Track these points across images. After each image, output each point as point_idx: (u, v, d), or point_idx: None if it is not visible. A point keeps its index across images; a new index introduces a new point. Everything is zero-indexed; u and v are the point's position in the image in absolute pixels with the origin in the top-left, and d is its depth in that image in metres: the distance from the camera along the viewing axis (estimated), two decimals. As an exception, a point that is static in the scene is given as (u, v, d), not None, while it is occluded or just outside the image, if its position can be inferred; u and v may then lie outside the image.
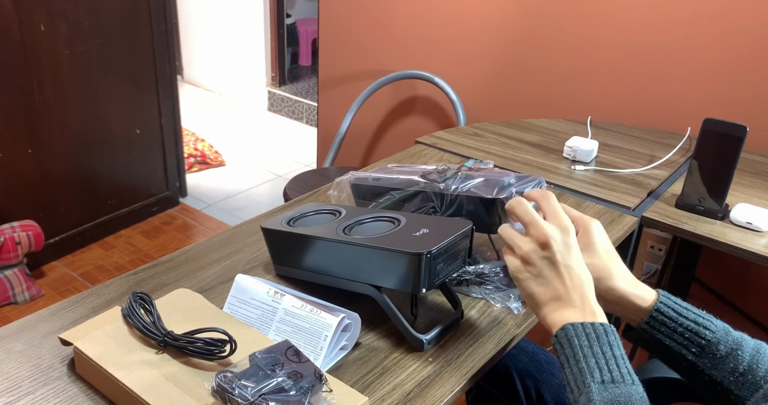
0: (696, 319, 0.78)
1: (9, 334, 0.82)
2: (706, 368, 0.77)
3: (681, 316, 0.78)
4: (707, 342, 0.77)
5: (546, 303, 0.75)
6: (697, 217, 1.22)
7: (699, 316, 0.79)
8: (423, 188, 1.00)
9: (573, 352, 0.69)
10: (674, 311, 0.79)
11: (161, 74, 2.63)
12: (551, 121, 1.69)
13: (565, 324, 0.72)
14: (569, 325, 0.71)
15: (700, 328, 0.78)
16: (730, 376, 0.76)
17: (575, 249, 0.75)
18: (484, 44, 1.96)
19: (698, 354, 0.78)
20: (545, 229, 0.75)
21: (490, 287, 0.95)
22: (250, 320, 0.84)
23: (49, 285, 2.36)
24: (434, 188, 0.99)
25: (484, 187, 0.95)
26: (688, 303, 0.81)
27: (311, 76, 4.29)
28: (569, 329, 0.71)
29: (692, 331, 0.78)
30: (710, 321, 0.78)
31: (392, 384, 0.78)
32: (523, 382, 1.09)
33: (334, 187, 1.10)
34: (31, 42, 2.16)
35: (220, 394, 0.65)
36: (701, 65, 1.63)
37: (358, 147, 2.40)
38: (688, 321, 0.78)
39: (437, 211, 0.98)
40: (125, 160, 2.63)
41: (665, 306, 0.79)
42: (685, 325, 0.78)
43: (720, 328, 0.78)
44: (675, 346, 0.78)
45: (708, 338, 0.77)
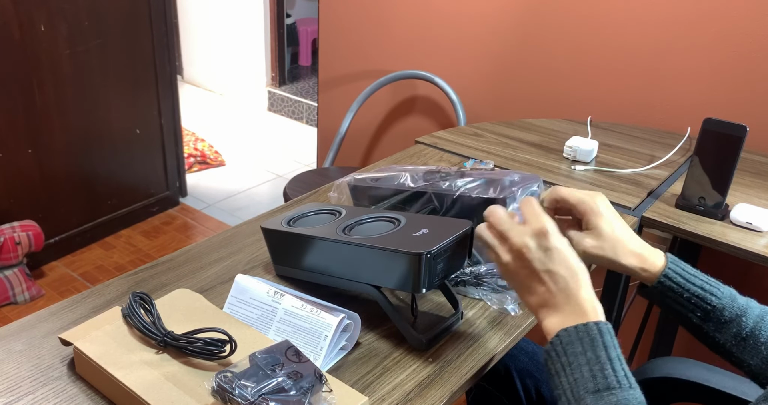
0: (702, 286, 0.82)
1: (9, 334, 0.82)
2: (710, 331, 0.82)
3: (688, 282, 0.82)
4: (712, 307, 0.81)
5: (537, 310, 0.75)
6: (697, 217, 1.22)
7: (706, 282, 0.83)
8: (423, 190, 0.99)
9: (568, 361, 0.69)
10: (681, 277, 0.82)
11: (161, 74, 2.63)
12: (551, 121, 1.69)
13: (557, 331, 0.71)
14: (559, 333, 0.71)
15: (706, 293, 0.82)
16: (733, 339, 0.81)
17: (557, 249, 0.74)
18: (484, 44, 1.95)
19: (703, 318, 0.82)
20: (516, 238, 0.75)
21: (486, 289, 0.95)
22: (250, 320, 0.84)
23: (49, 285, 2.36)
24: (435, 189, 0.99)
25: (485, 187, 0.95)
26: (697, 270, 0.84)
27: (311, 76, 4.29)
28: (562, 336, 0.71)
29: (698, 296, 0.82)
30: (717, 288, 0.82)
31: (392, 384, 0.78)
32: (523, 382, 1.10)
33: (334, 189, 1.10)
34: (31, 42, 2.16)
35: (220, 394, 0.65)
36: (701, 65, 1.63)
37: (358, 147, 2.40)
38: (694, 287, 0.82)
39: (437, 212, 0.98)
40: (125, 160, 2.63)
41: (673, 272, 0.82)
42: (692, 291, 0.82)
43: (726, 294, 0.82)
44: (681, 309, 0.83)
45: (713, 304, 0.81)
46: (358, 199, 1.08)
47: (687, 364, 1.04)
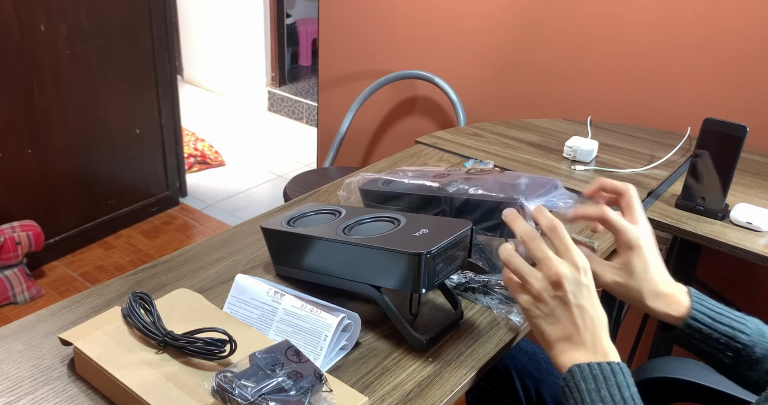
0: (731, 324, 0.78)
1: (9, 334, 0.82)
2: (743, 369, 0.78)
3: (716, 321, 0.78)
4: (743, 345, 0.77)
5: (556, 342, 0.72)
6: (697, 217, 1.22)
7: (733, 320, 0.78)
8: (435, 193, 0.97)
9: (581, 397, 0.67)
10: (708, 317, 0.78)
11: (161, 74, 2.63)
12: (551, 121, 1.69)
13: (572, 366, 0.70)
14: (576, 367, 0.69)
15: (735, 332, 0.77)
16: (765, 375, 0.77)
17: (588, 288, 0.73)
18: (484, 44, 1.96)
19: (734, 357, 0.78)
20: (557, 267, 0.71)
21: (494, 298, 0.94)
22: (250, 320, 0.84)
23: (49, 285, 2.36)
24: (445, 193, 0.97)
25: (498, 189, 0.93)
26: (721, 305, 0.80)
27: (311, 76, 4.29)
28: (576, 372, 0.69)
29: (728, 335, 0.78)
30: (744, 324, 0.78)
31: (392, 384, 0.78)
32: (523, 382, 1.10)
33: (344, 188, 1.08)
34: (31, 42, 2.16)
35: (220, 394, 0.65)
36: (701, 65, 1.63)
37: (358, 147, 2.40)
38: (723, 326, 0.78)
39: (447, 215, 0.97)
40: (125, 160, 2.63)
41: (699, 312, 0.78)
42: (721, 331, 0.78)
43: (754, 330, 0.78)
44: (709, 350, 0.79)
45: (743, 342, 0.77)
46: (368, 199, 1.07)
47: (686, 364, 1.03)
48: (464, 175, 1.01)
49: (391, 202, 1.03)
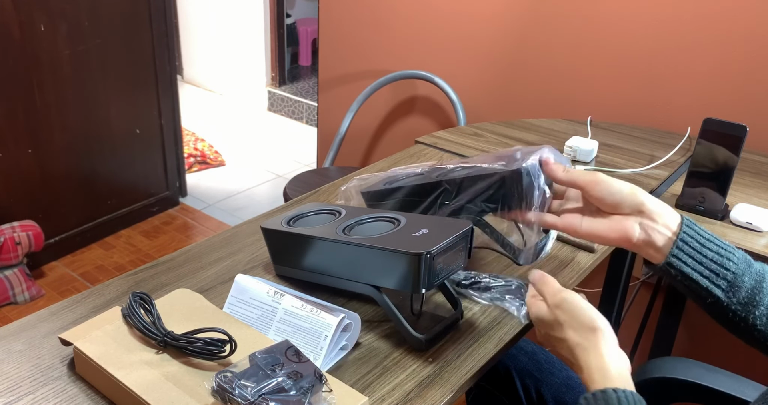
0: (719, 250, 0.77)
1: (9, 334, 0.82)
2: (732, 303, 0.76)
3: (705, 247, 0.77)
4: (732, 274, 0.76)
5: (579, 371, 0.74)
6: (697, 217, 1.22)
7: (722, 247, 0.77)
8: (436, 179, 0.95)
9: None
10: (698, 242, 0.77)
11: (161, 74, 2.63)
12: (551, 121, 1.69)
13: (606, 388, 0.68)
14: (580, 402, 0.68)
15: (723, 259, 0.76)
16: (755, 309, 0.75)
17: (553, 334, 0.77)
18: (484, 44, 1.96)
19: (726, 289, 0.76)
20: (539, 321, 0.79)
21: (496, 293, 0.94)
22: (250, 320, 0.84)
23: (49, 285, 2.36)
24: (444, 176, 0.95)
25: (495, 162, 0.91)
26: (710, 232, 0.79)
27: (311, 76, 4.29)
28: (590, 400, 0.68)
29: (717, 262, 0.76)
30: (731, 252, 0.77)
31: (392, 384, 0.78)
32: (523, 382, 1.09)
33: (340, 196, 1.07)
34: (31, 42, 2.16)
35: (220, 394, 0.65)
36: (701, 65, 1.63)
37: (358, 147, 2.40)
38: (712, 253, 0.77)
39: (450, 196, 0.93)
40: (125, 160, 2.63)
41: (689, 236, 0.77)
42: (710, 257, 0.77)
43: (740, 258, 0.77)
44: (702, 279, 0.77)
45: (732, 269, 0.76)
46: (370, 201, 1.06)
47: (686, 364, 1.03)
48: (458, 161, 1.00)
49: (393, 196, 1.02)
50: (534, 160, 0.87)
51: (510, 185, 0.87)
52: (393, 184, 1.03)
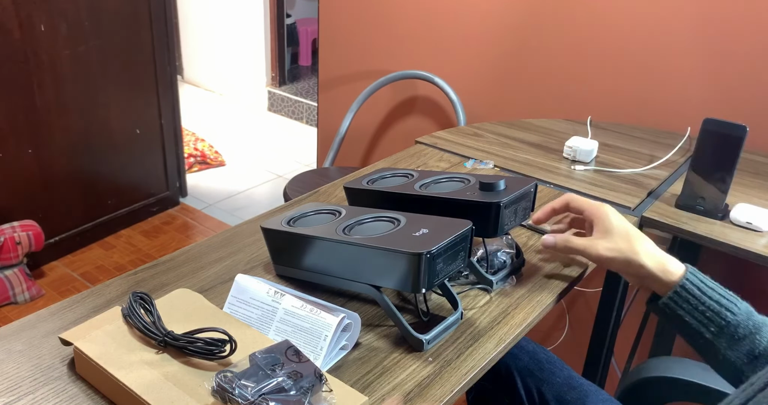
0: (719, 300, 0.79)
1: (9, 334, 0.82)
2: (722, 348, 0.78)
3: (705, 295, 0.79)
4: (727, 323, 0.78)
5: None
6: (697, 217, 1.22)
7: (723, 297, 0.79)
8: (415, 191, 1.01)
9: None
10: (699, 289, 0.80)
11: (161, 74, 2.63)
12: (551, 121, 1.69)
13: None
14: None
15: (722, 309, 0.78)
16: (745, 357, 0.77)
17: None
18: (484, 44, 1.96)
19: (716, 334, 0.78)
20: None
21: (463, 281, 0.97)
22: (250, 320, 0.84)
23: (49, 285, 2.36)
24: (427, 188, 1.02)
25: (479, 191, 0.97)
26: (716, 283, 0.81)
27: (311, 76, 4.29)
28: None
29: (714, 310, 0.78)
30: (734, 303, 0.79)
31: (392, 384, 0.78)
32: (524, 382, 1.09)
33: None
34: (31, 42, 2.16)
35: (220, 394, 0.65)
36: (701, 65, 1.63)
37: (358, 147, 2.40)
38: (711, 301, 0.79)
39: None
40: (125, 160, 2.63)
41: (691, 283, 0.80)
42: (708, 304, 0.79)
43: (743, 310, 0.79)
44: (694, 323, 0.79)
45: (728, 320, 0.78)
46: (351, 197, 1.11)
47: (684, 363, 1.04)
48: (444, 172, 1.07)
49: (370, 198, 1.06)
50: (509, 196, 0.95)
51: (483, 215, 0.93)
52: (373, 184, 1.06)
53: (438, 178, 1.05)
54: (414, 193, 1.00)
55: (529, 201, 1.00)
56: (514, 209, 0.96)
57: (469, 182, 1.01)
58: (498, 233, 0.94)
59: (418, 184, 1.03)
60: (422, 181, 1.04)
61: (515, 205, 0.96)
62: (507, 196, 0.93)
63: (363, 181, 1.10)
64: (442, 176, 1.05)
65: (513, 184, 0.98)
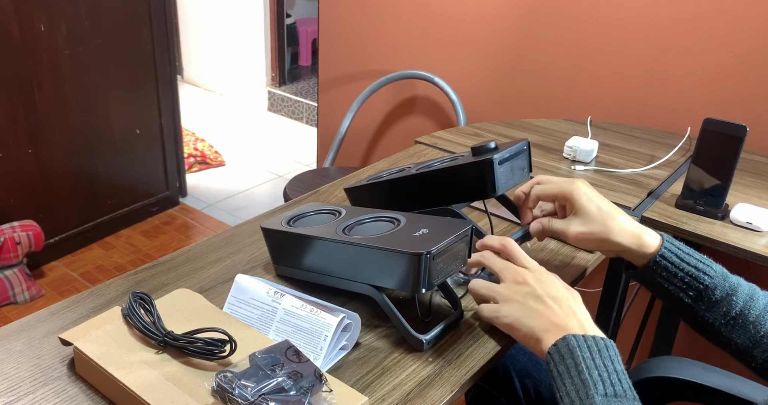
0: (696, 265, 0.82)
1: (9, 334, 0.82)
2: (701, 311, 0.82)
3: (683, 261, 0.82)
4: (704, 287, 0.81)
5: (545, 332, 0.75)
6: (697, 217, 1.22)
7: (700, 261, 0.82)
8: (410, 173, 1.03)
9: (575, 363, 0.69)
10: (677, 256, 0.82)
11: (161, 74, 2.63)
12: (551, 121, 1.69)
13: (566, 334, 0.72)
14: (570, 335, 0.72)
15: (699, 273, 0.81)
16: (722, 318, 0.81)
17: (551, 281, 0.79)
18: (484, 44, 1.96)
19: (695, 298, 0.82)
20: (518, 269, 0.81)
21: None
22: (250, 320, 0.84)
23: (49, 285, 2.36)
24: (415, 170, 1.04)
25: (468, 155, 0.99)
26: (690, 248, 0.84)
27: (311, 76, 4.29)
28: (570, 339, 0.71)
29: (692, 275, 0.81)
30: (710, 266, 0.82)
31: (392, 384, 0.78)
32: (522, 382, 1.09)
33: None
34: (31, 42, 2.16)
35: (220, 394, 0.65)
36: (701, 65, 1.63)
37: (358, 147, 2.40)
38: (689, 266, 0.82)
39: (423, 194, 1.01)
40: (125, 160, 2.63)
41: (668, 251, 0.82)
42: (686, 271, 0.82)
43: (718, 273, 0.82)
44: (673, 289, 0.82)
45: (705, 283, 0.81)
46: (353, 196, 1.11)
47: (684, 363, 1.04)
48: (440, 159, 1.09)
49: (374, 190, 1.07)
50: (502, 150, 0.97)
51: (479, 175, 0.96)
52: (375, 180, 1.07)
53: (433, 162, 1.07)
54: (413, 174, 1.02)
55: (524, 160, 1.01)
56: (510, 167, 0.97)
57: (462, 156, 1.04)
58: (497, 191, 0.95)
59: (416, 169, 1.05)
60: (418, 167, 1.06)
61: (510, 163, 0.97)
62: (499, 153, 0.95)
63: (363, 181, 1.11)
64: (436, 160, 1.08)
65: (505, 145, 1.00)
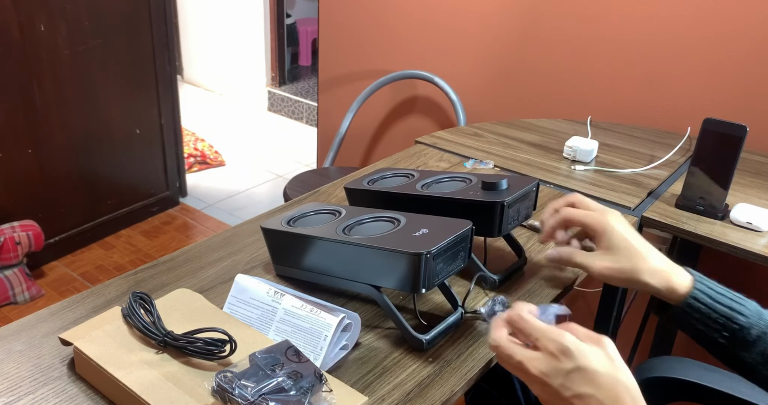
0: (730, 305, 0.78)
1: (9, 334, 0.82)
2: (736, 350, 0.78)
3: (716, 302, 0.78)
4: (739, 327, 0.77)
5: None
6: (697, 217, 1.22)
7: (733, 301, 0.78)
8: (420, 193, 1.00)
9: None
10: (709, 297, 0.78)
11: (161, 74, 2.63)
12: (551, 121, 1.69)
13: None
14: None
15: (734, 313, 0.78)
16: (759, 357, 0.77)
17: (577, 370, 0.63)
18: (484, 44, 1.96)
19: (729, 338, 0.78)
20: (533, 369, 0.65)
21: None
22: (250, 320, 0.84)
23: (49, 285, 2.36)
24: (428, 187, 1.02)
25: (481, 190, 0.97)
26: (722, 286, 0.80)
27: (311, 76, 4.29)
28: None
29: (726, 316, 0.78)
30: (744, 306, 0.78)
31: (392, 384, 0.78)
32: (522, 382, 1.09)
33: None
34: (31, 42, 2.16)
35: (220, 394, 0.65)
36: (701, 65, 1.63)
37: (358, 147, 2.40)
38: (723, 307, 0.78)
39: None
40: (125, 160, 2.63)
41: (701, 292, 0.78)
42: (720, 311, 0.78)
43: (753, 311, 0.78)
44: (706, 330, 0.79)
45: (741, 323, 0.77)
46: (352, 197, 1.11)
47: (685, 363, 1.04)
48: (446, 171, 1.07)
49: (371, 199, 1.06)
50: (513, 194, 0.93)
51: (486, 214, 0.93)
52: (374, 184, 1.06)
53: (439, 178, 1.05)
54: (416, 193, 1.00)
55: (531, 200, 1.00)
56: (517, 208, 0.96)
57: (470, 182, 1.01)
58: (501, 233, 0.94)
59: (420, 184, 1.03)
60: (423, 181, 1.04)
61: (518, 205, 0.96)
62: (510, 196, 0.93)
63: (363, 181, 1.10)
64: (444, 176, 1.05)
65: (515, 183, 0.98)
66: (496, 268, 1.00)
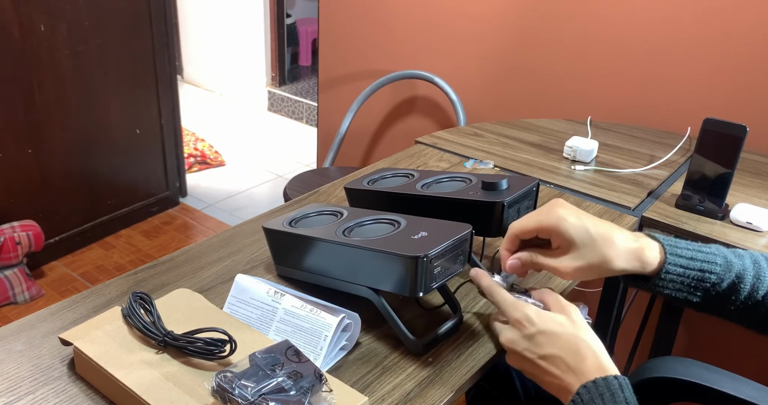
0: (701, 267, 0.78)
1: (9, 334, 0.82)
2: (710, 304, 0.80)
3: (688, 269, 0.78)
4: (711, 284, 0.78)
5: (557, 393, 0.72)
6: (697, 217, 1.22)
7: (703, 261, 0.78)
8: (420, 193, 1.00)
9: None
10: (681, 267, 0.78)
11: (161, 74, 2.63)
12: (551, 121, 1.69)
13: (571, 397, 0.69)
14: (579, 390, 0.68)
15: (704, 274, 0.78)
16: (731, 306, 0.79)
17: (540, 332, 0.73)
18: (484, 44, 1.96)
19: (702, 296, 0.79)
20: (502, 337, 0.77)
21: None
22: (250, 320, 0.84)
23: (49, 285, 2.36)
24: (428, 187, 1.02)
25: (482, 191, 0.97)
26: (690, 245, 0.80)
27: (311, 76, 4.29)
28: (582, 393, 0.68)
29: (698, 279, 0.78)
30: (713, 262, 0.78)
31: (392, 384, 0.78)
32: (523, 382, 1.09)
33: None
34: (31, 42, 2.16)
35: (220, 394, 0.65)
36: (701, 65, 1.63)
37: (358, 147, 2.40)
38: (694, 272, 0.78)
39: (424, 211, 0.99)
40: (125, 160, 2.63)
41: (673, 265, 0.78)
42: (692, 276, 0.78)
43: (722, 265, 0.78)
44: (681, 295, 0.80)
45: (711, 281, 0.78)
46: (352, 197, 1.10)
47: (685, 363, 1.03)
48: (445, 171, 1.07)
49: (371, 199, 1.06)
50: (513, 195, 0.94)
51: (486, 214, 0.93)
52: (374, 184, 1.06)
53: (439, 178, 1.05)
54: (416, 193, 1.00)
55: (531, 200, 1.00)
56: (517, 208, 0.96)
57: (470, 182, 1.01)
58: (501, 233, 0.93)
59: (420, 184, 1.03)
60: (423, 181, 1.04)
61: (518, 205, 0.96)
62: (510, 196, 0.93)
63: (363, 181, 1.09)
64: (444, 176, 1.05)
65: (515, 183, 0.98)
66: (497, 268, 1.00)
